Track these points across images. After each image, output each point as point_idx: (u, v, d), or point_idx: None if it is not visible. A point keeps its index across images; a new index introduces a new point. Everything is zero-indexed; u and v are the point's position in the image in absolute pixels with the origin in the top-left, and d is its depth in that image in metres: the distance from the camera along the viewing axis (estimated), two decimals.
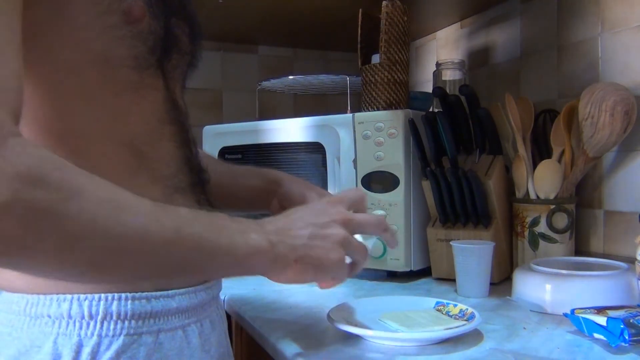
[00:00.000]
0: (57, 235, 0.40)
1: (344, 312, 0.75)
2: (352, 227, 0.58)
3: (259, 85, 1.50)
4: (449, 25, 1.53)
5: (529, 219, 1.01)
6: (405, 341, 0.67)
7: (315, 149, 1.15)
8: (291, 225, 0.55)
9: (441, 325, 0.70)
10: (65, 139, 0.52)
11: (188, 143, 0.62)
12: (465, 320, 0.72)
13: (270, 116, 1.33)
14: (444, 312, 0.76)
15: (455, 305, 0.77)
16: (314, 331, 0.74)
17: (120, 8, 0.52)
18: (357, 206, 0.63)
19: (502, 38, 1.34)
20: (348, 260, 0.59)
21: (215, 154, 1.31)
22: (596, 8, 1.08)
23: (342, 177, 1.11)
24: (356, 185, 1.08)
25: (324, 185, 1.13)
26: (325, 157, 1.13)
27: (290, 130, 1.19)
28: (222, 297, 0.95)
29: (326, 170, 1.13)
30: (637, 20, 1.00)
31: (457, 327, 0.69)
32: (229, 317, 0.94)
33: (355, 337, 0.70)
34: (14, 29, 0.43)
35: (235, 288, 1.02)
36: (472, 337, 0.69)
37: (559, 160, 1.03)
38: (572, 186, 1.02)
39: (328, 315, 0.72)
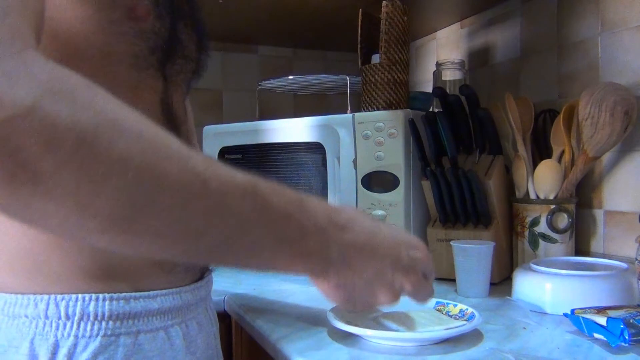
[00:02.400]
0: (80, 163, 0.33)
1: (344, 312, 0.75)
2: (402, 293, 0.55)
3: (259, 85, 1.50)
4: (449, 25, 1.53)
5: (529, 219, 1.01)
6: (405, 341, 0.67)
7: (315, 149, 1.15)
8: (360, 255, 0.50)
9: (441, 325, 0.70)
10: None
11: None
12: (465, 320, 0.72)
13: (270, 116, 1.33)
14: (444, 312, 0.76)
15: (455, 305, 0.77)
16: (314, 331, 0.74)
17: (124, 4, 0.51)
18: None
19: (502, 38, 1.34)
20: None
21: (215, 154, 1.31)
22: (596, 8, 1.08)
23: (342, 177, 1.11)
24: (356, 185, 1.08)
25: (324, 185, 1.14)
26: (325, 157, 1.13)
27: (290, 130, 1.19)
28: (221, 297, 0.95)
29: (326, 170, 1.13)
30: (637, 20, 1.00)
31: (457, 327, 0.69)
32: (229, 317, 0.94)
33: (355, 337, 0.70)
34: None
35: (235, 288, 1.02)
36: (472, 337, 0.69)
37: (559, 160, 1.03)
38: (572, 186, 1.02)
39: (328, 315, 0.72)
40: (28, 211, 0.34)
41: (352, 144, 1.09)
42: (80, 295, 0.51)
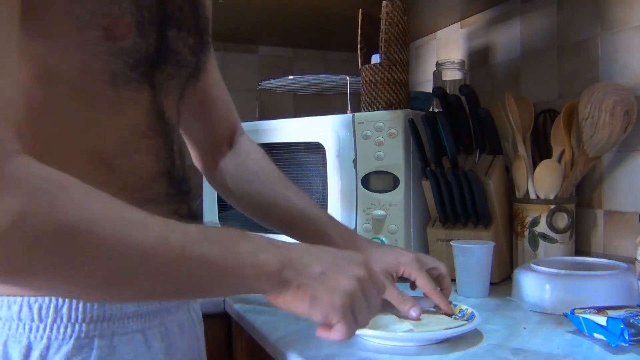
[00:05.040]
0: (65, 258, 0.39)
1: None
2: (365, 288, 0.55)
3: (259, 85, 1.50)
4: (449, 25, 1.53)
5: (529, 219, 1.01)
6: (405, 341, 0.67)
7: (315, 149, 1.15)
8: (308, 257, 0.54)
9: (441, 325, 0.70)
10: (26, 146, 0.50)
11: (171, 155, 0.60)
12: (465, 320, 0.72)
13: (270, 116, 1.33)
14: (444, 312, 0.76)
15: (455, 305, 0.77)
16: (314, 331, 0.74)
17: (101, 24, 0.49)
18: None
19: (502, 38, 1.34)
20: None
21: None
22: (596, 8, 1.08)
23: (342, 177, 1.11)
24: (356, 185, 1.08)
25: (324, 185, 1.13)
26: (325, 157, 1.13)
27: (290, 130, 1.19)
28: (222, 297, 0.95)
29: (326, 170, 1.13)
30: (637, 20, 1.00)
31: (457, 327, 0.69)
32: (229, 317, 0.94)
33: (355, 337, 0.70)
34: (13, 36, 0.42)
35: None
36: (472, 337, 0.69)
37: (559, 160, 1.03)
38: (572, 186, 1.02)
39: None
40: (20, 288, 0.45)
41: (352, 144, 1.09)
42: (53, 298, 0.50)
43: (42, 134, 0.51)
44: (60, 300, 0.51)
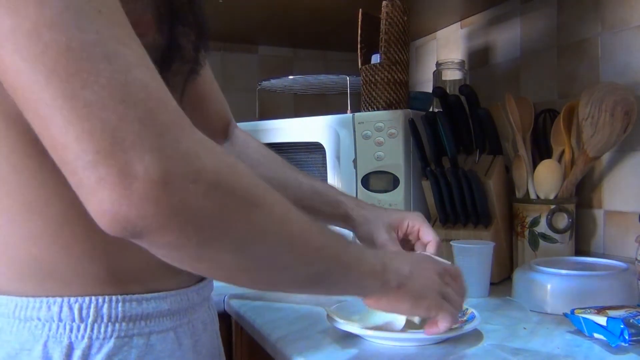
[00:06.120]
0: (245, 224, 0.42)
1: (344, 311, 0.75)
2: (446, 277, 0.65)
3: (259, 85, 1.50)
4: (449, 25, 1.53)
5: (529, 219, 1.01)
6: (405, 341, 0.67)
7: (315, 149, 1.15)
8: (394, 258, 0.61)
9: None
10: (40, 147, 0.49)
11: None
12: (465, 320, 0.72)
13: (270, 116, 1.33)
14: None
15: None
16: (314, 331, 0.74)
17: None
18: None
19: (502, 38, 1.34)
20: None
21: None
22: (596, 8, 1.08)
23: (342, 177, 1.11)
24: (356, 185, 1.08)
25: None
26: (325, 157, 1.13)
27: (290, 130, 1.19)
28: (221, 297, 0.95)
29: (326, 170, 1.13)
30: (637, 20, 1.00)
31: (457, 327, 0.69)
32: (229, 317, 0.94)
33: (355, 337, 0.70)
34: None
35: (235, 288, 1.01)
36: (472, 337, 0.69)
37: (559, 160, 1.03)
38: (572, 186, 1.02)
39: (328, 315, 0.72)
40: (197, 263, 0.44)
41: (352, 144, 1.09)
42: (93, 298, 0.51)
43: None
44: (100, 299, 0.51)
